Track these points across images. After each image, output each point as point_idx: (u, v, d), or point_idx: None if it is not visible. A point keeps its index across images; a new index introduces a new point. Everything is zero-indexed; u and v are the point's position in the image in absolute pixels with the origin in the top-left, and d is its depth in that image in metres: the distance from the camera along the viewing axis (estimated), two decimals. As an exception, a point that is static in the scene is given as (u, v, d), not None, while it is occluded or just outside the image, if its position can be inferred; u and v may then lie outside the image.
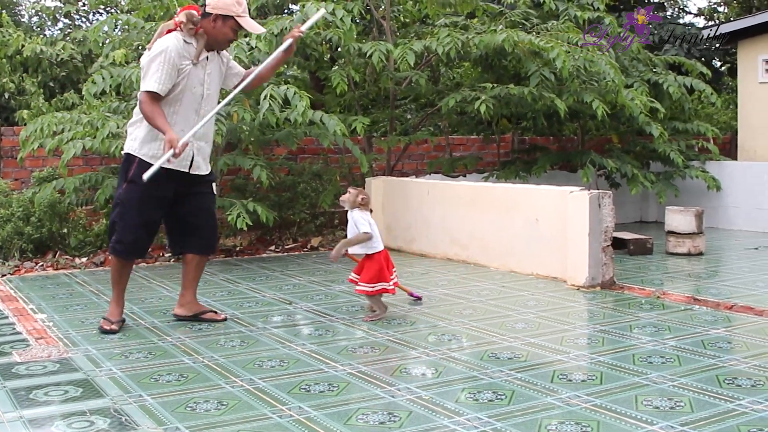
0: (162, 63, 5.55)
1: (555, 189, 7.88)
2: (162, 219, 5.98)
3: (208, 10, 5.72)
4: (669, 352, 5.09)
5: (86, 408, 4.15)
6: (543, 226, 7.83)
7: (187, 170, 5.80)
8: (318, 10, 6.69)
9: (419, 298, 6.74)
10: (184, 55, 5.66)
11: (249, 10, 6.18)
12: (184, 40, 5.68)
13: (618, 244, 9.32)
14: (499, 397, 4.24)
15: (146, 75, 5.59)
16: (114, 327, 5.80)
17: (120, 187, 5.82)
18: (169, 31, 5.74)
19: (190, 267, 6.15)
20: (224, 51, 5.99)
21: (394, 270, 6.30)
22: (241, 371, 4.76)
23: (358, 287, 6.17)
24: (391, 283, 6.18)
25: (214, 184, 6.23)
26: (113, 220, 5.85)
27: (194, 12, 5.73)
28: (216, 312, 6.24)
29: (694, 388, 4.34)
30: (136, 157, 5.69)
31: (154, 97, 5.54)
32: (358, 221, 6.13)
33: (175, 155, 5.42)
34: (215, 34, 5.74)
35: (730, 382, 4.45)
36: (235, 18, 5.72)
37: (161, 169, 5.46)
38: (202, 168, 5.93)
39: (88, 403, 4.24)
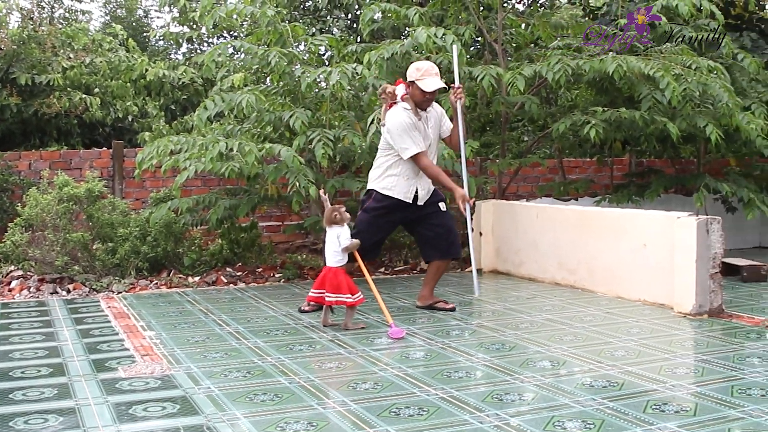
0: (407, 130, 7.11)
1: (662, 214, 7.77)
2: (387, 236, 7.77)
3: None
4: (770, 384, 4.99)
5: (181, 425, 4.29)
6: (650, 251, 7.73)
7: (411, 201, 7.30)
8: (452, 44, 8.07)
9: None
10: (415, 120, 7.16)
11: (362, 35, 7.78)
12: (404, 107, 7.17)
13: (731, 270, 9.16)
14: (587, 426, 4.21)
15: (403, 144, 7.12)
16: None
17: (360, 213, 7.52)
18: (390, 106, 7.25)
19: (431, 269, 7.58)
20: (436, 108, 7.44)
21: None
22: (334, 393, 4.84)
23: (349, 299, 6.63)
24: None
25: (441, 204, 7.50)
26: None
27: (387, 86, 7.34)
28: (445, 301, 7.58)
29: (792, 422, 4.24)
30: (374, 190, 7.36)
31: (422, 156, 7.15)
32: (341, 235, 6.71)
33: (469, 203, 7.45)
34: (413, 97, 7.17)
35: (831, 416, 4.34)
36: (416, 81, 7.09)
37: (388, 202, 7.28)
38: (425, 198, 7.37)
39: (183, 419, 4.37)
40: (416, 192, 7.28)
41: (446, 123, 7.51)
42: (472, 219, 7.70)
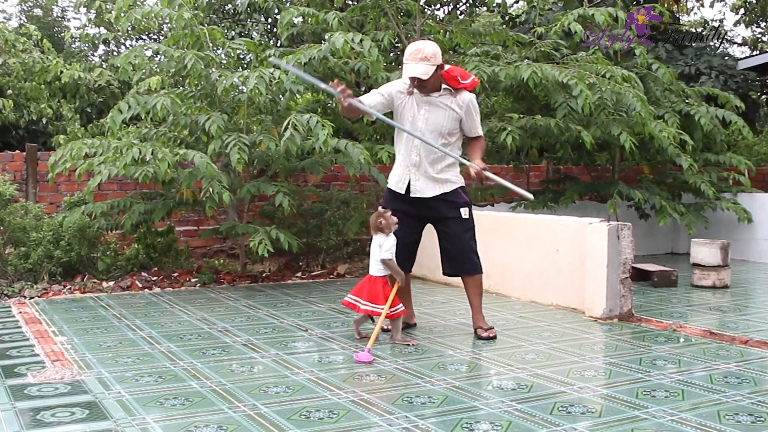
0: (380, 88, 6.62)
1: (575, 220, 7.90)
2: (413, 236, 6.73)
3: None
4: (674, 386, 5.09)
5: (89, 430, 4.24)
6: (563, 256, 7.85)
7: (403, 192, 6.53)
8: None
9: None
10: (402, 90, 6.49)
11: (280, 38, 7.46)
12: (404, 81, 6.47)
13: (642, 275, 9.33)
14: (495, 427, 4.26)
15: None
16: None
17: None
18: None
19: (465, 288, 6.83)
20: (460, 97, 6.51)
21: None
22: (245, 396, 4.83)
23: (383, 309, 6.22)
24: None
25: (462, 209, 6.63)
26: None
27: None
28: (483, 328, 6.63)
29: (693, 423, 4.33)
30: (388, 188, 6.71)
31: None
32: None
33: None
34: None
35: (731, 417, 4.44)
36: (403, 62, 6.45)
37: (389, 192, 6.63)
38: (426, 192, 6.51)
39: (91, 425, 4.32)
40: (408, 182, 6.52)
41: (468, 122, 6.57)
42: None
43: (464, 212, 6.64)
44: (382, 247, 6.27)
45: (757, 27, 22.72)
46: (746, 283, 9.72)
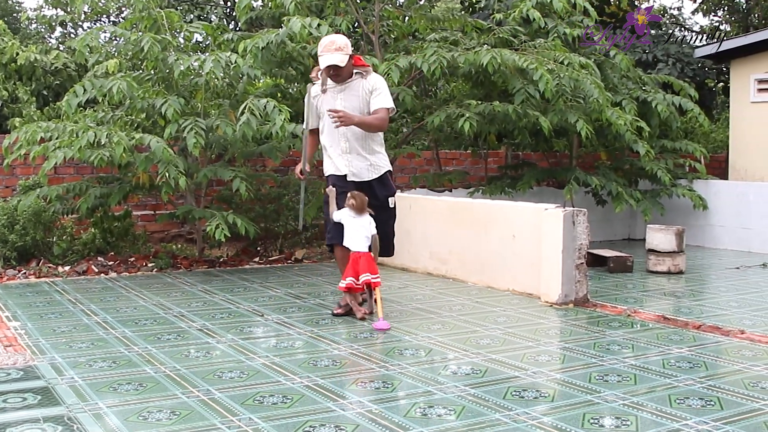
0: (305, 107, 7.05)
1: (531, 206, 7.94)
2: None
3: None
4: (627, 370, 5.14)
5: (41, 415, 4.21)
6: (519, 242, 7.88)
7: (346, 177, 6.86)
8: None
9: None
10: (314, 95, 6.96)
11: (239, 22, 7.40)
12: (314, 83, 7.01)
13: (598, 261, 9.39)
14: (448, 412, 4.29)
15: None
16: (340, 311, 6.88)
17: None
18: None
19: None
20: (369, 80, 6.87)
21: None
22: (199, 381, 4.82)
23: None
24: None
25: (390, 199, 7.04)
26: None
27: (315, 67, 7.12)
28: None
29: (644, 408, 4.38)
30: (330, 173, 6.98)
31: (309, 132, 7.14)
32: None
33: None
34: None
35: (682, 401, 4.50)
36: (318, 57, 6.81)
37: (333, 175, 6.91)
38: (363, 176, 6.89)
39: (43, 410, 4.29)
40: (349, 168, 6.84)
41: (374, 101, 6.79)
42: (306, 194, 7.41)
43: (391, 201, 7.07)
44: (372, 224, 6.70)
45: (714, 15, 22.85)
46: (701, 269, 9.82)
